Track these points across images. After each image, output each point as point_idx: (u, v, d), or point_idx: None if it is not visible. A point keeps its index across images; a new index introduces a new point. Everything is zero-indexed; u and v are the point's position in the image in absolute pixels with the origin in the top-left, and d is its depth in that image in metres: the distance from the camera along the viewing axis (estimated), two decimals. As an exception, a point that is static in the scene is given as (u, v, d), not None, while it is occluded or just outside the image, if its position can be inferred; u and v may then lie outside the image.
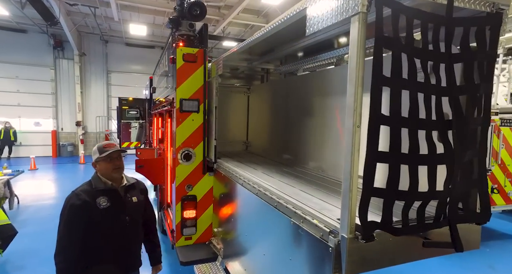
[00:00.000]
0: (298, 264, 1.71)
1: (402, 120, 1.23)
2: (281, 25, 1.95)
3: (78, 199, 1.99)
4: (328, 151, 2.78)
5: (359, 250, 1.32)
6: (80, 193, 2.03)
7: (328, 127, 2.80)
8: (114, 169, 2.09)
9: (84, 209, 1.98)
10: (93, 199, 2.01)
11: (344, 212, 1.31)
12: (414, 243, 1.43)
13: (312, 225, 1.59)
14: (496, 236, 5.81)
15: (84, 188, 2.06)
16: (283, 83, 3.88)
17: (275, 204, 1.99)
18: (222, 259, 3.16)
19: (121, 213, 2.10)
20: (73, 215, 1.97)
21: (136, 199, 2.22)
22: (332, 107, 2.75)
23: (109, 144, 2.13)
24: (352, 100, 1.26)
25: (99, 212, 2.00)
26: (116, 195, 2.10)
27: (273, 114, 3.90)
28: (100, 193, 2.04)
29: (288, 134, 3.52)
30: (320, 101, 2.95)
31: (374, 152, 1.24)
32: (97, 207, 2.00)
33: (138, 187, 2.31)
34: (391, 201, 1.28)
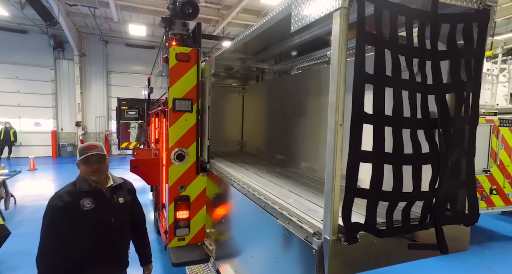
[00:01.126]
0: (284, 266, 1.68)
1: (385, 119, 1.20)
2: (268, 23, 1.92)
3: (61, 201, 1.93)
4: (319, 151, 2.74)
5: (342, 252, 1.29)
6: (63, 194, 1.97)
7: (320, 127, 2.77)
8: (93, 172, 2.01)
9: (67, 211, 1.92)
10: (76, 201, 1.95)
11: (327, 213, 1.28)
12: (399, 245, 1.39)
13: (297, 226, 1.55)
14: (496, 237, 5.75)
15: (68, 189, 2.01)
16: (277, 82, 3.85)
17: (263, 204, 1.95)
18: (215, 261, 3.13)
19: (106, 215, 2.04)
20: (55, 217, 1.92)
21: (123, 199, 2.17)
22: (324, 107, 2.72)
23: (90, 145, 2.05)
24: (334, 98, 1.22)
25: (83, 214, 1.94)
26: (101, 196, 2.05)
27: (268, 114, 3.87)
28: (84, 194, 1.98)
29: (282, 134, 3.49)
30: (312, 100, 2.92)
31: (356, 151, 1.20)
32: (80, 208, 1.94)
33: (126, 187, 2.26)
34: (375, 202, 1.24)
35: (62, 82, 15.49)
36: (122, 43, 16.18)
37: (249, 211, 2.22)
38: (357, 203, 1.26)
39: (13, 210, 6.61)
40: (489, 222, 6.48)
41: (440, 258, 4.70)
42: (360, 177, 1.22)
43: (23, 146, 14.97)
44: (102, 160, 2.05)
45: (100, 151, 2.04)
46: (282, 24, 1.99)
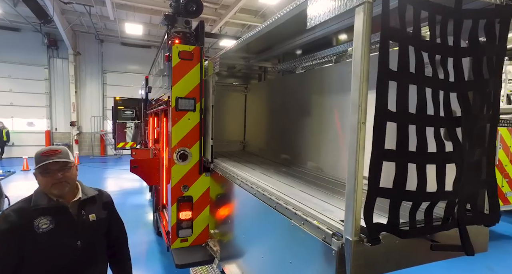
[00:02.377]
0: (299, 267, 1.64)
1: (409, 117, 1.17)
2: (280, 19, 1.89)
3: (6, 222, 1.52)
4: (327, 150, 2.72)
5: (364, 253, 1.26)
6: (10, 214, 1.55)
7: (327, 126, 2.74)
8: (53, 184, 1.60)
9: (14, 236, 1.51)
10: (28, 221, 1.54)
11: (349, 213, 1.25)
12: (420, 246, 1.36)
13: (313, 227, 1.52)
14: (494, 237, 5.79)
15: (18, 207, 1.59)
16: (281, 81, 3.82)
17: (274, 205, 1.92)
18: (219, 262, 3.08)
19: (70, 237, 1.64)
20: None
21: (95, 216, 1.75)
22: (331, 106, 2.70)
23: (50, 150, 1.63)
24: (357, 95, 1.19)
25: (37, 238, 1.53)
26: (64, 214, 1.64)
27: (271, 113, 3.84)
28: (40, 212, 1.57)
29: (286, 133, 3.46)
30: (318, 99, 2.89)
31: (380, 150, 1.17)
32: (34, 231, 1.53)
33: (100, 201, 1.83)
34: (398, 202, 1.21)
35: (56, 81, 15.26)
36: (118, 42, 16.01)
37: (259, 211, 2.18)
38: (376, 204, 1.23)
39: (8, 211, 6.46)
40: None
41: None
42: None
43: (16, 146, 14.71)
44: (66, 168, 1.64)
45: (64, 157, 1.64)
46: (293, 21, 1.97)
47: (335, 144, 2.62)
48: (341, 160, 2.55)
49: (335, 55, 2.69)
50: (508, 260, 4.78)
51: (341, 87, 2.58)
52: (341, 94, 2.59)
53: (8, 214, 1.56)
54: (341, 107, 2.58)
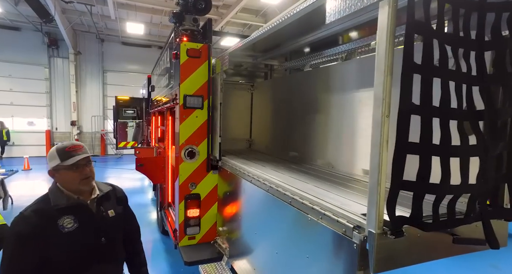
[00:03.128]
0: (316, 262, 1.65)
1: (433, 110, 1.18)
2: (296, 15, 1.89)
3: (28, 224, 1.45)
4: (338, 147, 2.73)
5: (387, 246, 1.26)
6: (32, 216, 1.48)
7: (337, 123, 2.75)
8: (82, 179, 1.58)
9: (38, 238, 1.45)
10: (52, 222, 1.50)
11: (372, 206, 1.25)
12: (441, 240, 1.37)
13: (333, 221, 1.52)
14: (497, 235, 5.82)
15: (39, 207, 1.53)
16: (288, 79, 3.82)
17: (289, 200, 1.92)
18: (228, 259, 3.08)
19: (94, 234, 1.62)
20: (20, 249, 1.43)
21: (113, 212, 1.74)
22: (343, 103, 2.70)
23: (74, 145, 1.60)
24: (381, 89, 1.20)
25: (62, 238, 1.49)
26: (85, 212, 1.61)
27: (278, 111, 3.84)
28: (62, 212, 1.53)
29: (294, 131, 3.46)
30: (329, 96, 2.90)
31: (404, 143, 1.18)
32: (59, 231, 1.49)
33: (114, 196, 1.82)
34: (421, 195, 1.22)
35: (57, 80, 15.22)
36: (118, 41, 15.98)
37: (272, 207, 2.19)
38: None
39: (10, 210, 6.43)
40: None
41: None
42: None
43: (16, 146, 14.66)
44: (90, 163, 1.64)
45: (88, 153, 1.64)
46: (307, 18, 1.98)
47: (347, 141, 2.63)
48: (353, 156, 2.56)
49: (346, 53, 2.70)
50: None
51: (352, 84, 2.59)
52: (353, 91, 2.60)
53: (30, 215, 1.49)
54: (352, 103, 2.59)
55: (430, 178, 1.23)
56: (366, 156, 2.43)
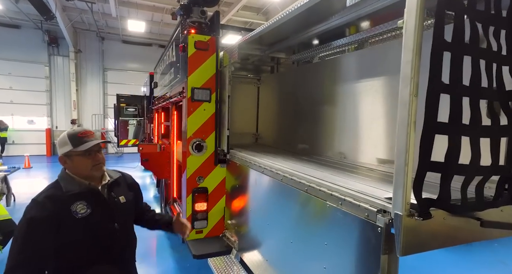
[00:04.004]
0: (336, 248, 1.63)
1: (463, 89, 1.16)
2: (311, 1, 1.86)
3: (42, 209, 1.44)
4: (350, 137, 2.71)
5: (413, 229, 1.24)
6: (45, 201, 1.46)
7: (349, 113, 2.73)
8: (95, 165, 1.57)
9: (52, 223, 1.43)
10: (65, 207, 1.48)
11: (398, 188, 1.23)
12: (467, 224, 1.35)
13: (354, 206, 1.50)
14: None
15: (50, 194, 1.51)
16: (296, 72, 3.79)
17: (305, 188, 1.90)
18: (237, 252, 3.06)
19: (108, 220, 1.62)
20: (34, 232, 1.41)
21: (124, 198, 1.73)
22: (354, 92, 2.68)
23: (86, 131, 1.60)
24: (409, 68, 1.17)
25: (76, 224, 1.48)
26: (98, 197, 1.61)
27: (286, 104, 3.82)
28: (75, 198, 1.52)
29: (303, 123, 3.44)
30: (339, 87, 2.88)
31: (432, 122, 1.16)
32: (73, 217, 1.48)
33: (125, 183, 1.82)
34: (449, 176, 1.20)
35: (57, 79, 15.15)
36: (119, 40, 15.92)
37: (286, 197, 2.16)
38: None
39: (13, 207, 6.39)
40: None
41: (452, 252, 4.72)
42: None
43: (16, 144, 14.59)
44: (101, 149, 1.65)
45: (99, 139, 1.63)
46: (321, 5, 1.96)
47: (359, 130, 2.61)
48: (366, 145, 2.54)
49: (357, 43, 2.68)
50: (519, 254, 4.80)
51: (364, 73, 2.57)
52: (365, 80, 2.58)
53: (43, 201, 1.47)
54: (365, 93, 2.57)
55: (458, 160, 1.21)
56: (380, 145, 2.42)
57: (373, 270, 1.36)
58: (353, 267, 1.51)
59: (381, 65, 2.44)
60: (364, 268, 1.42)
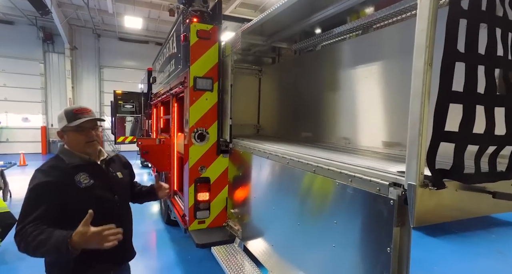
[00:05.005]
0: (345, 226, 1.62)
1: (478, 57, 1.16)
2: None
3: (48, 176, 1.49)
4: (353, 122, 2.71)
5: (427, 200, 1.24)
6: (49, 170, 1.52)
7: (352, 99, 2.74)
8: (87, 142, 1.61)
9: (58, 189, 1.48)
10: (69, 177, 1.54)
11: (412, 158, 1.23)
12: (480, 197, 1.36)
13: (365, 181, 1.50)
14: (498, 223, 5.90)
15: (54, 164, 1.56)
16: (298, 61, 3.79)
17: (313, 169, 1.89)
18: (241, 240, 3.04)
19: (108, 191, 1.67)
20: (42, 195, 1.45)
21: (121, 174, 1.82)
22: (356, 78, 2.69)
23: (82, 108, 1.64)
24: (424, 36, 1.17)
25: (79, 193, 1.54)
26: (98, 170, 1.67)
27: (288, 94, 3.81)
28: (77, 169, 1.57)
29: (306, 112, 3.44)
30: (341, 74, 2.89)
31: (447, 91, 1.16)
32: (76, 186, 1.54)
33: (120, 161, 1.89)
34: (463, 146, 1.20)
35: (52, 76, 14.98)
36: (115, 37, 15.80)
37: (292, 180, 2.16)
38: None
39: (9, 203, 6.30)
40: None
41: (451, 242, 4.77)
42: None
43: (10, 142, 14.39)
44: (97, 127, 1.68)
45: (94, 115, 1.67)
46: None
47: (363, 115, 2.62)
48: (370, 130, 2.54)
49: (361, 28, 2.68)
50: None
51: (368, 58, 2.58)
52: (367, 65, 2.59)
53: (48, 170, 1.52)
54: (368, 78, 2.58)
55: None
56: (384, 129, 2.43)
57: (386, 243, 1.36)
58: (364, 243, 1.51)
59: (382, 50, 2.46)
60: (376, 242, 1.42)
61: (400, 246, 1.34)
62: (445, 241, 4.87)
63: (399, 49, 2.36)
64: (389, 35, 2.44)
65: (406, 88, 2.29)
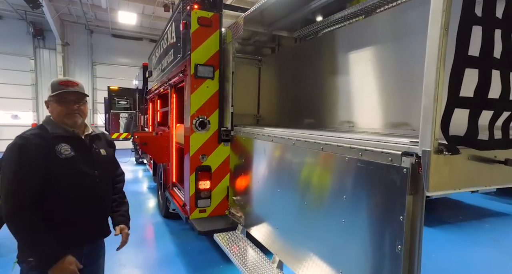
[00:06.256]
0: (355, 200, 1.63)
1: (496, 21, 1.17)
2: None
3: (29, 141, 1.47)
4: (357, 106, 2.73)
5: (441, 166, 1.25)
6: (31, 137, 1.50)
7: (354, 82, 2.75)
8: (67, 114, 1.60)
9: (38, 156, 1.47)
10: (50, 146, 1.52)
11: (426, 124, 1.24)
12: (492, 166, 1.37)
13: (376, 153, 1.51)
14: (491, 214, 6.03)
15: (36, 132, 1.54)
16: (299, 49, 3.79)
17: (321, 147, 1.90)
18: (243, 227, 3.03)
19: (89, 166, 1.65)
20: (24, 158, 1.45)
21: (105, 151, 1.79)
22: (360, 62, 2.70)
23: (68, 81, 1.64)
24: (441, 0, 1.17)
25: (59, 163, 1.52)
26: (81, 144, 1.65)
27: (289, 82, 3.81)
28: (59, 140, 1.56)
29: (307, 99, 3.45)
30: (344, 59, 2.90)
31: (463, 56, 1.16)
32: (56, 155, 1.52)
33: (105, 139, 1.87)
34: (478, 112, 1.21)
35: (43, 72, 14.66)
36: (108, 33, 15.56)
37: (299, 160, 2.15)
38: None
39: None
40: (481, 201, 6.83)
41: (447, 232, 4.84)
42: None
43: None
44: (81, 101, 1.66)
45: (81, 90, 1.66)
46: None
47: (367, 98, 2.63)
48: (376, 111, 2.56)
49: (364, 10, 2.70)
50: (508, 233, 4.98)
51: (373, 40, 2.60)
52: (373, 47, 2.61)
53: (29, 137, 1.51)
54: (371, 61, 2.59)
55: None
56: (388, 110, 2.45)
57: (398, 212, 1.37)
58: (375, 214, 1.51)
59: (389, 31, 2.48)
60: (388, 212, 1.43)
61: (413, 214, 1.35)
62: (441, 230, 4.95)
63: (402, 32, 2.38)
64: (391, 17, 2.46)
65: (408, 69, 2.33)
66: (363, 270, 1.57)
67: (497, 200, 6.95)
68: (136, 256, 3.68)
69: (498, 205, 6.63)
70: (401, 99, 2.33)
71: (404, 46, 2.34)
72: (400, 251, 1.36)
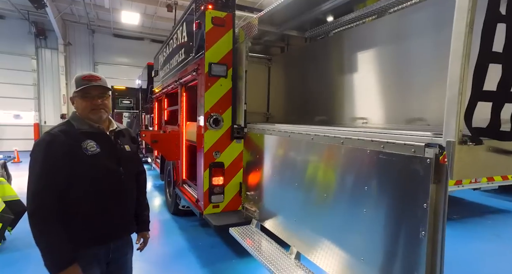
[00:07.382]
0: (376, 191, 1.70)
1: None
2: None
3: (57, 138, 1.50)
4: (370, 102, 2.81)
5: (465, 155, 1.32)
6: (58, 134, 1.51)
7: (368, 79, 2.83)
8: (92, 109, 1.61)
9: (67, 152, 1.49)
10: (77, 142, 1.54)
11: (451, 116, 1.31)
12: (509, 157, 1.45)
13: (398, 145, 1.58)
14: (492, 211, 6.13)
15: (63, 129, 1.56)
16: (310, 48, 3.87)
17: (341, 141, 1.97)
18: (258, 221, 3.10)
19: (114, 162, 1.66)
20: (52, 155, 1.47)
21: (129, 147, 1.79)
22: (372, 60, 2.79)
23: (91, 75, 1.64)
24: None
25: (85, 160, 1.53)
26: (106, 140, 1.66)
27: (300, 81, 3.89)
28: (85, 136, 1.58)
29: (317, 97, 3.53)
30: (357, 57, 2.98)
31: (487, 52, 1.24)
32: (83, 152, 1.53)
33: (128, 135, 1.87)
34: (500, 104, 1.29)
35: (45, 72, 14.69)
36: (110, 33, 15.61)
37: (317, 154, 2.23)
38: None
39: (9, 196, 6.18)
40: (483, 199, 6.94)
41: (450, 227, 4.94)
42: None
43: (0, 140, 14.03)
44: (105, 95, 1.66)
45: (104, 84, 1.67)
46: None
47: (381, 94, 2.71)
48: (390, 108, 2.64)
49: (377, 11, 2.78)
50: (510, 228, 5.08)
51: (386, 40, 2.68)
52: (385, 47, 2.69)
53: (57, 134, 1.52)
54: (384, 59, 2.68)
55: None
56: (403, 106, 2.53)
57: (422, 199, 1.45)
58: (398, 203, 1.59)
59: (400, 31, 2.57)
60: (412, 200, 1.50)
61: (436, 201, 1.43)
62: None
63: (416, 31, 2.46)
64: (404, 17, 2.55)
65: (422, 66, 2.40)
66: (385, 255, 1.65)
67: (499, 198, 7.06)
68: (149, 251, 3.71)
69: (499, 202, 6.74)
70: (416, 96, 2.41)
71: (419, 44, 2.42)
72: (424, 236, 1.44)
